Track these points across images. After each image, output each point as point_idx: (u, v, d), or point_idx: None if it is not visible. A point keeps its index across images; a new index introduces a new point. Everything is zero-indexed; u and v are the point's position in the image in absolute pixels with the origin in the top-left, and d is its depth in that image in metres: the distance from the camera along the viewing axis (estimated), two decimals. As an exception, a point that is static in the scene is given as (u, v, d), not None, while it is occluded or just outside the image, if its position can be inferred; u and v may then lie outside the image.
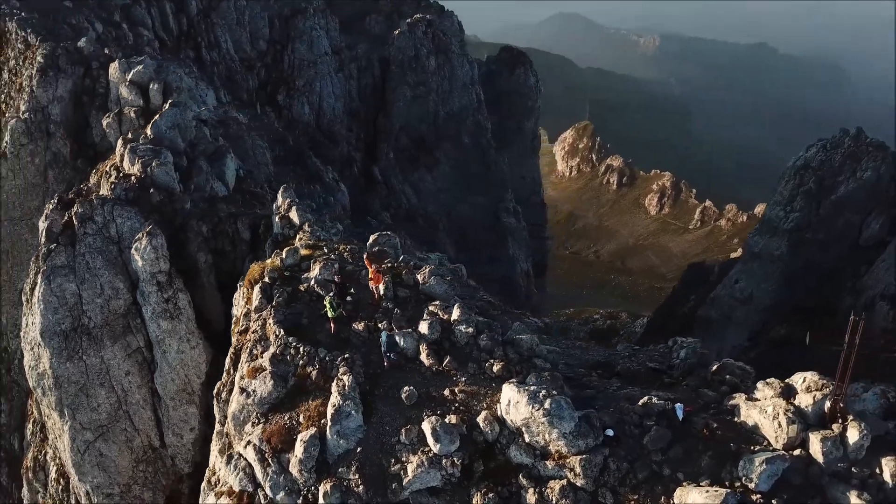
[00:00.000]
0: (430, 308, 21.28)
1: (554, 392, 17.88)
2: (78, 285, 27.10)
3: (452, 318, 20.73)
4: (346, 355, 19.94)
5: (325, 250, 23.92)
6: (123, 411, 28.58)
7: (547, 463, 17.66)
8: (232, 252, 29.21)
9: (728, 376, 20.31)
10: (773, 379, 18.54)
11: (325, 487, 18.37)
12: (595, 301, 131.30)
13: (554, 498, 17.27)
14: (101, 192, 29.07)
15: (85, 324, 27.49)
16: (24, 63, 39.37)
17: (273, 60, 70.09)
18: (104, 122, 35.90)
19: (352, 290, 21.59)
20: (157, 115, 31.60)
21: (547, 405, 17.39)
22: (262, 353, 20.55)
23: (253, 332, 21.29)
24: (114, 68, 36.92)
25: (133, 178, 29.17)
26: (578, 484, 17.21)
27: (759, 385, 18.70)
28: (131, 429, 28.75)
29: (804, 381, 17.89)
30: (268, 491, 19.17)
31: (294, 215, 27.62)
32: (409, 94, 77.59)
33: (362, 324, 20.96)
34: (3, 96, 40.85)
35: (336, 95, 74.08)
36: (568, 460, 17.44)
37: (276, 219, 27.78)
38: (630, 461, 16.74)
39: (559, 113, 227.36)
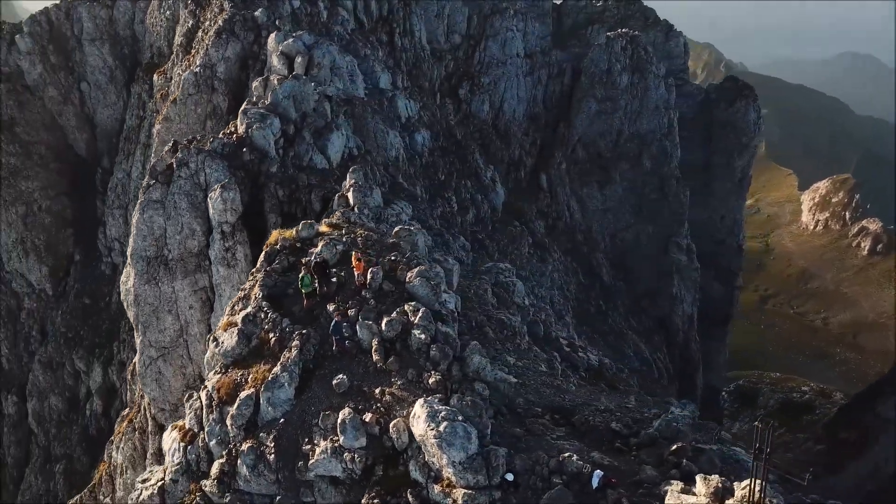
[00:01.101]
0: (406, 307, 21.24)
1: (459, 418, 17.18)
2: (165, 220, 30.72)
3: (414, 322, 20.56)
4: (303, 331, 20.68)
5: (344, 231, 24.75)
6: (183, 340, 31.94)
7: (435, 487, 17.12)
8: (301, 219, 31.17)
9: (685, 461, 18.03)
10: (715, 476, 16.28)
11: (244, 446, 19.40)
12: (810, 372, 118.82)
13: (431, 524, 16.74)
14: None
15: (165, 255, 31.10)
16: (212, 26, 44.84)
17: (464, 55, 72.23)
18: (253, 85, 39.75)
19: (335, 272, 22.18)
20: (277, 84, 34.46)
21: (441, 428, 16.82)
22: (241, 311, 21.98)
23: (242, 290, 22.82)
24: (271, 39, 40.78)
25: (235, 136, 32.24)
26: (460, 519, 16.49)
27: (698, 478, 16.51)
28: (186, 357, 32.04)
29: (744, 486, 15.53)
30: (206, 435, 20.64)
31: (351, 195, 28.83)
32: (595, 107, 75.78)
33: (333, 305, 21.54)
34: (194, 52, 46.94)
35: (519, 98, 74.56)
36: (454, 491, 16.78)
37: (337, 196, 29.21)
38: (518, 513, 15.63)
39: (818, 159, 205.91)
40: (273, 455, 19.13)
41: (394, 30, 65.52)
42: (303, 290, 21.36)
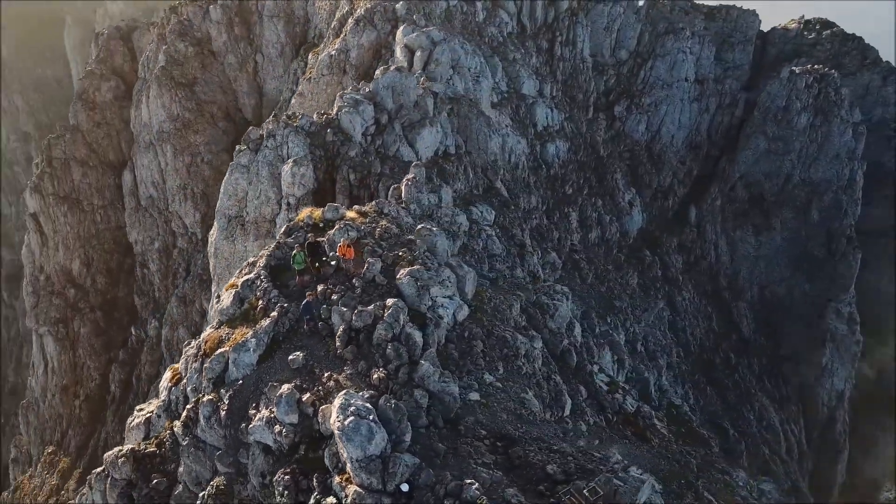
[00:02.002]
0: (388, 302, 21.41)
1: (370, 417, 17.15)
2: (247, 184, 33.22)
3: (383, 317, 20.66)
4: (284, 304, 21.58)
5: (367, 220, 25.30)
6: (247, 296, 34.37)
7: (336, 478, 17.28)
8: (350, 191, 32.30)
9: (602, 522, 16.62)
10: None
11: (205, 398, 20.79)
12: None
13: (324, 514, 16.97)
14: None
15: (243, 216, 33.66)
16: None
17: (628, 72, 69.72)
18: (376, 73, 41.58)
19: (333, 255, 22.78)
20: (381, 74, 35.74)
21: (346, 422, 16.95)
22: (244, 275, 23.36)
23: (253, 258, 24.19)
24: (399, 31, 42.28)
25: (326, 115, 33.98)
26: (345, 514, 16.59)
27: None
28: (249, 312, 34.44)
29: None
30: (185, 381, 22.34)
31: (403, 189, 29.32)
32: (764, 145, 69.74)
33: (321, 286, 22.20)
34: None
35: (681, 124, 70.60)
36: (348, 486, 16.86)
37: (392, 188, 29.85)
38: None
39: None
40: (224, 412, 20.27)
41: (556, 38, 64.94)
42: (295, 267, 22.25)
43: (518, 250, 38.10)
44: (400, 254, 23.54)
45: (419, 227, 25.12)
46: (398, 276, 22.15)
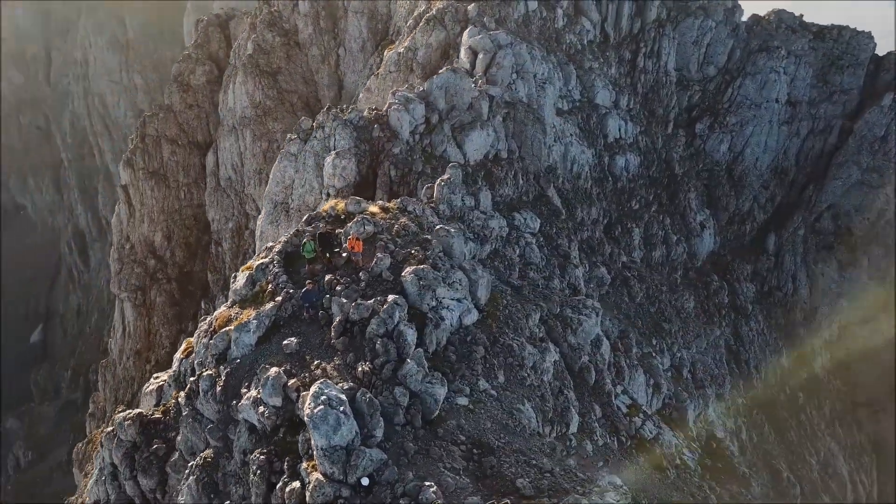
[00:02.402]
0: (389, 298, 21.59)
1: (341, 408, 17.36)
2: (294, 172, 34.21)
3: (379, 312, 20.83)
4: (290, 290, 22.12)
5: (387, 216, 25.54)
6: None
7: (304, 463, 17.66)
8: (391, 187, 32.60)
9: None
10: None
11: (206, 373, 21.64)
12: None
13: (287, 497, 17.39)
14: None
15: (288, 203, 34.68)
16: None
17: (714, 89, 67.08)
18: (441, 71, 41.87)
19: (342, 246, 23.13)
20: (435, 74, 35.96)
21: (316, 410, 17.24)
22: (261, 258, 24.09)
23: (272, 243, 24.87)
24: (466, 32, 42.36)
25: (376, 111, 34.52)
26: (307, 500, 16.93)
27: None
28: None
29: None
30: (194, 354, 23.29)
31: (436, 189, 29.42)
32: (856, 176, 65.56)
33: (329, 276, 22.60)
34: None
35: (767, 146, 67.34)
36: (312, 473, 17.21)
37: (425, 187, 30.00)
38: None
39: None
40: (220, 388, 21.00)
41: (640, 49, 63.42)
42: (304, 255, 22.76)
43: (561, 261, 37.46)
44: (412, 252, 23.64)
45: (437, 227, 25.14)
46: (403, 274, 22.26)
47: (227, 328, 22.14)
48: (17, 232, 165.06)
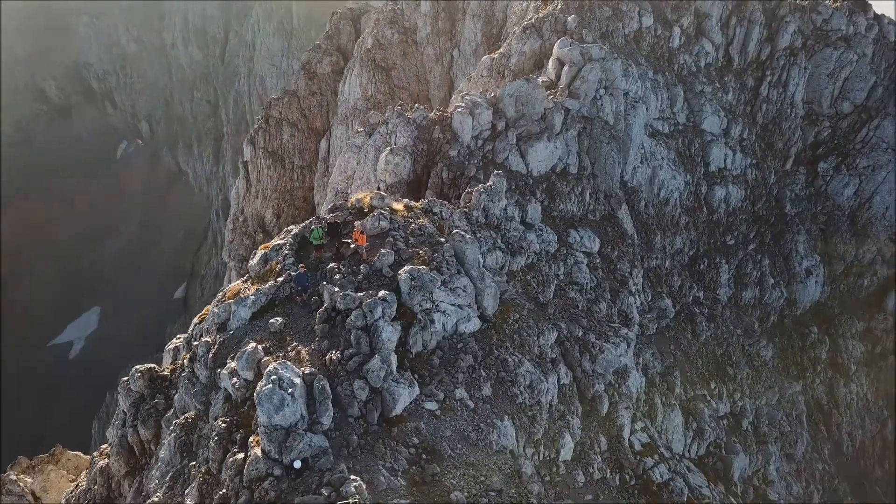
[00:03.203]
0: (380, 293, 21.88)
1: (290, 390, 17.93)
2: (356, 164, 35.26)
3: (363, 304, 21.15)
4: (292, 272, 22.94)
5: (408, 214, 25.79)
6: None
7: (252, 436, 18.39)
8: (441, 189, 32.78)
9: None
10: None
11: (204, 339, 23.02)
12: None
13: (230, 466, 18.24)
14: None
15: (347, 192, 35.78)
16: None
17: (847, 127, 61.71)
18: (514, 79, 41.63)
19: (347, 235, 23.67)
20: (508, 82, 35.76)
21: (264, 388, 17.93)
22: (279, 239, 25.10)
23: (293, 227, 25.83)
24: (557, 43, 41.70)
25: (441, 113, 34.87)
26: (243, 471, 17.69)
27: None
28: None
29: None
30: (209, 317, 24.66)
31: (474, 194, 29.33)
32: None
33: (333, 265, 23.21)
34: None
35: (901, 195, 61.12)
36: (254, 449, 17.93)
37: (465, 192, 29.96)
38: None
39: None
40: (212, 355, 22.24)
41: (765, 77, 59.64)
42: (311, 241, 23.52)
43: (615, 286, 36.11)
44: (419, 252, 23.79)
45: (454, 231, 25.09)
46: (399, 272, 22.47)
47: (229, 301, 23.33)
48: (176, 196, 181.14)
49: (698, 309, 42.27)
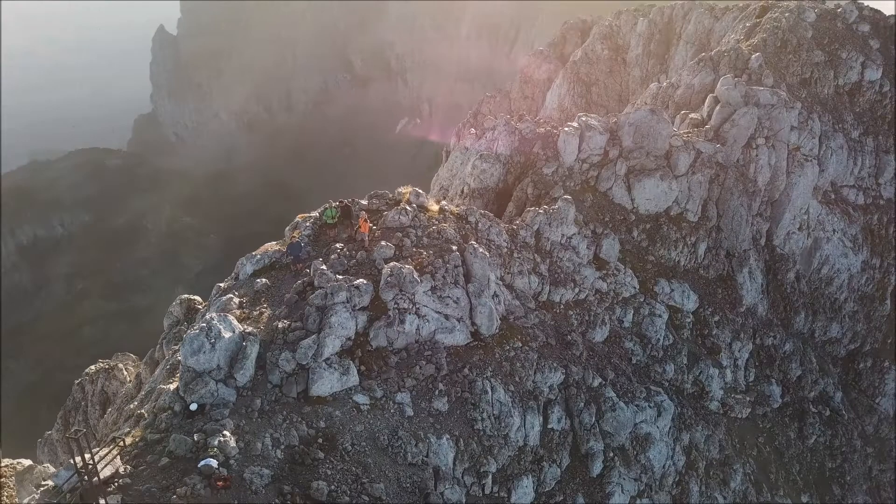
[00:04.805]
0: (357, 281, 22.47)
1: (213, 339, 19.52)
2: (459, 164, 35.83)
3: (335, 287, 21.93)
4: (301, 243, 24.41)
5: (438, 216, 25.81)
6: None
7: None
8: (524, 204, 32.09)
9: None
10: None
11: (221, 285, 25.58)
12: None
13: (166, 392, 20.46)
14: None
15: (447, 190, 36.47)
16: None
17: None
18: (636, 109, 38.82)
19: (357, 219, 24.49)
20: (624, 115, 33.76)
21: (191, 331, 19.94)
22: (310, 214, 26.73)
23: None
24: (721, 80, 38.03)
25: (550, 128, 34.03)
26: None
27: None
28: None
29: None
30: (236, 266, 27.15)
31: (531, 213, 28.39)
32: None
33: (339, 244, 24.26)
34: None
35: None
36: (172, 384, 19.89)
37: (528, 209, 29.05)
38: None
39: None
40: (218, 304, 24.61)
41: None
42: (324, 219, 24.79)
43: (702, 352, 32.62)
44: (422, 253, 23.90)
45: (469, 242, 24.73)
46: (384, 266, 22.82)
47: (246, 258, 25.52)
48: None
49: (815, 408, 36.09)
